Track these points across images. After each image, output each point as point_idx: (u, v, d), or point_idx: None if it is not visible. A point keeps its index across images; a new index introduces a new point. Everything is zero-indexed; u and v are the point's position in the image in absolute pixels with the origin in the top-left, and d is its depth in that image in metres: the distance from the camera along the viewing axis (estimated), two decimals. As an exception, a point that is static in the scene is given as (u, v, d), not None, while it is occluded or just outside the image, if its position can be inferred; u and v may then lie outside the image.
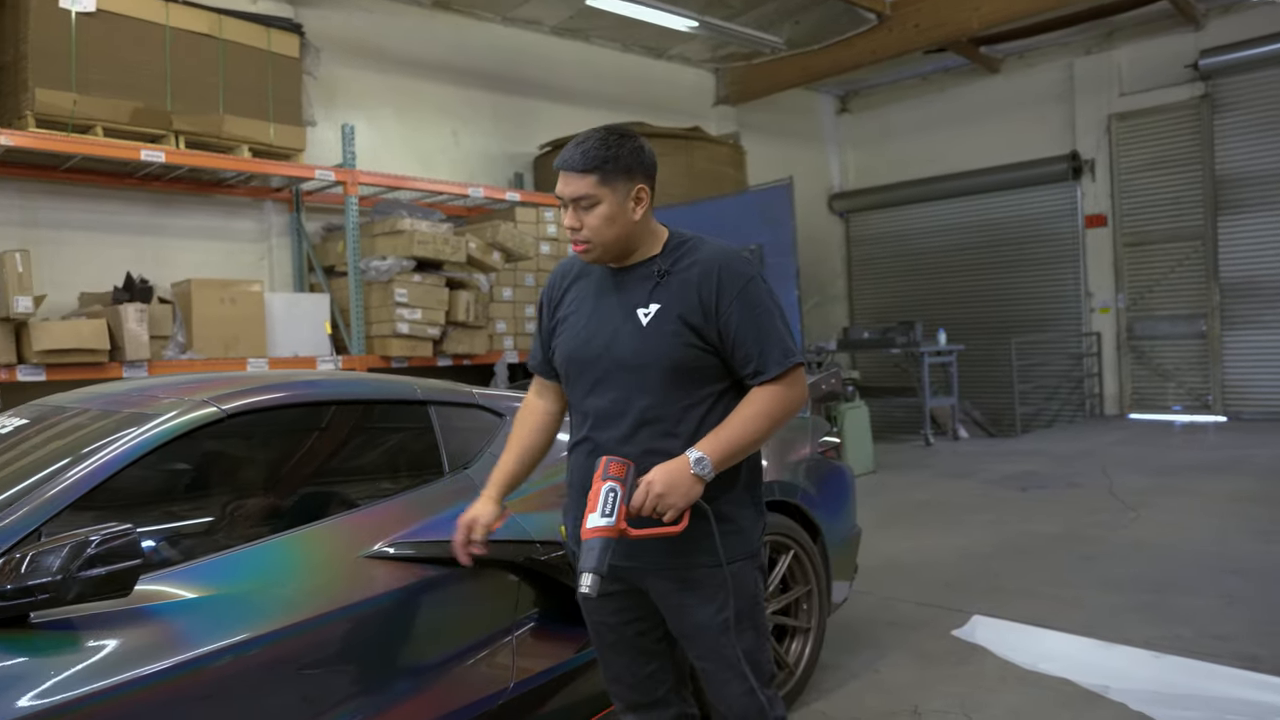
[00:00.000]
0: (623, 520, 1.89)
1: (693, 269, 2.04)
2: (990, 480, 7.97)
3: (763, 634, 2.16)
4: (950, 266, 13.09)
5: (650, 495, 1.90)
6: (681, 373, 2.02)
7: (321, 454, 2.73)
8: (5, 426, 2.56)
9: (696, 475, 1.93)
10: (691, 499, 1.93)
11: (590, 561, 1.87)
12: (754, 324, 2.01)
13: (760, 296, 2.03)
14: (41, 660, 1.84)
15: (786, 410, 2.03)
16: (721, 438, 1.97)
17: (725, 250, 2.08)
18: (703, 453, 1.94)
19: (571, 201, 2.03)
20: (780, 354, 2.02)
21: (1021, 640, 3.99)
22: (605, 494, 1.91)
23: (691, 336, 2.01)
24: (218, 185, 7.38)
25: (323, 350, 7.07)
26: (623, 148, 2.02)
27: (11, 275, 5.50)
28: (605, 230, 2.02)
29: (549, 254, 8.41)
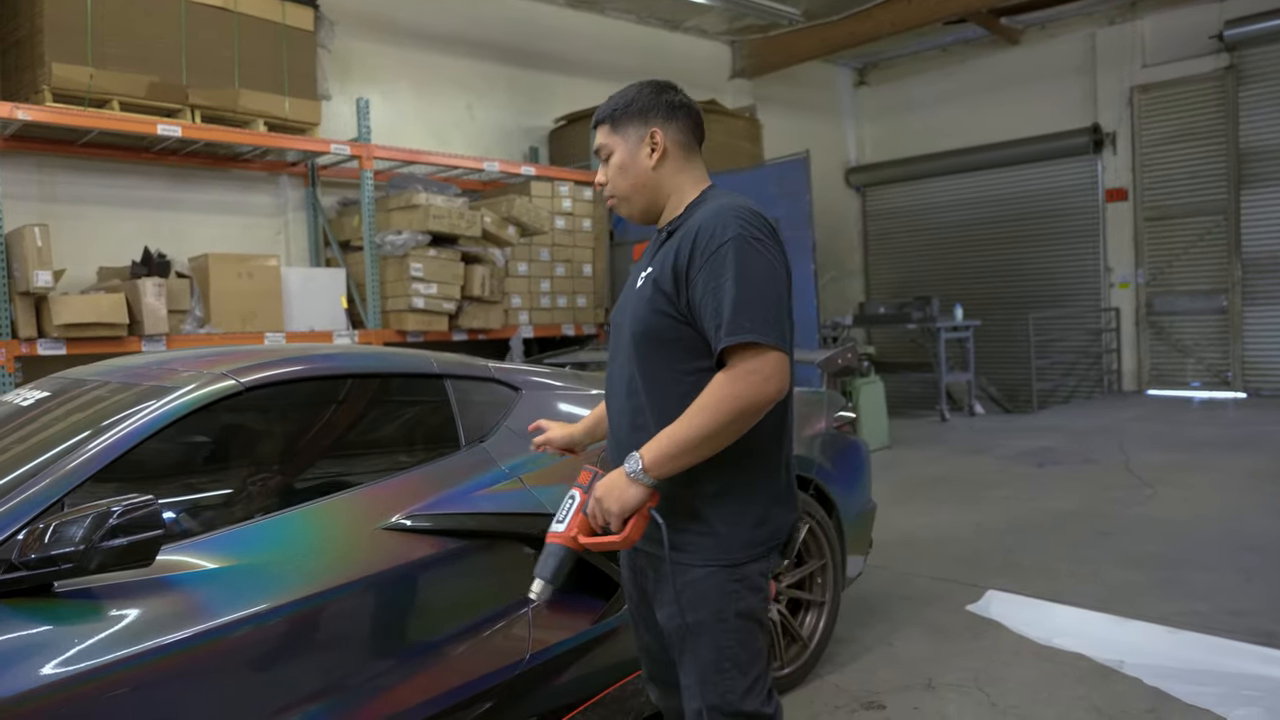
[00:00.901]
0: (576, 528, 1.83)
1: (681, 229, 1.86)
2: (1006, 456, 7.95)
3: (727, 656, 1.84)
4: (968, 241, 12.98)
5: (592, 501, 1.81)
6: (658, 343, 1.85)
7: (339, 427, 2.74)
8: (27, 399, 2.58)
9: (630, 478, 1.75)
10: (627, 505, 1.75)
11: (542, 567, 1.83)
12: (717, 291, 1.74)
13: (732, 259, 1.74)
14: (65, 628, 1.87)
15: (739, 403, 1.70)
16: (660, 435, 1.76)
17: (720, 208, 1.83)
18: (639, 453, 1.76)
19: (596, 155, 1.98)
20: (727, 329, 1.71)
21: (1036, 615, 3.99)
22: (565, 500, 1.87)
23: (664, 303, 1.83)
24: (234, 160, 7.39)
25: (339, 325, 7.10)
26: (641, 93, 1.92)
27: (31, 250, 5.54)
28: (620, 180, 1.94)
29: (564, 228, 8.39)
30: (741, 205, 1.83)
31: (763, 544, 1.87)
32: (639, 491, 1.76)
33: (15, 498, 1.99)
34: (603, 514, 1.78)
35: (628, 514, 1.77)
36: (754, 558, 1.86)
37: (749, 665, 1.86)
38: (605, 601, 2.73)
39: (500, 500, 2.60)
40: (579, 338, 8.68)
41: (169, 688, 1.95)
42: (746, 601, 1.84)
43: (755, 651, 1.87)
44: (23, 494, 2.00)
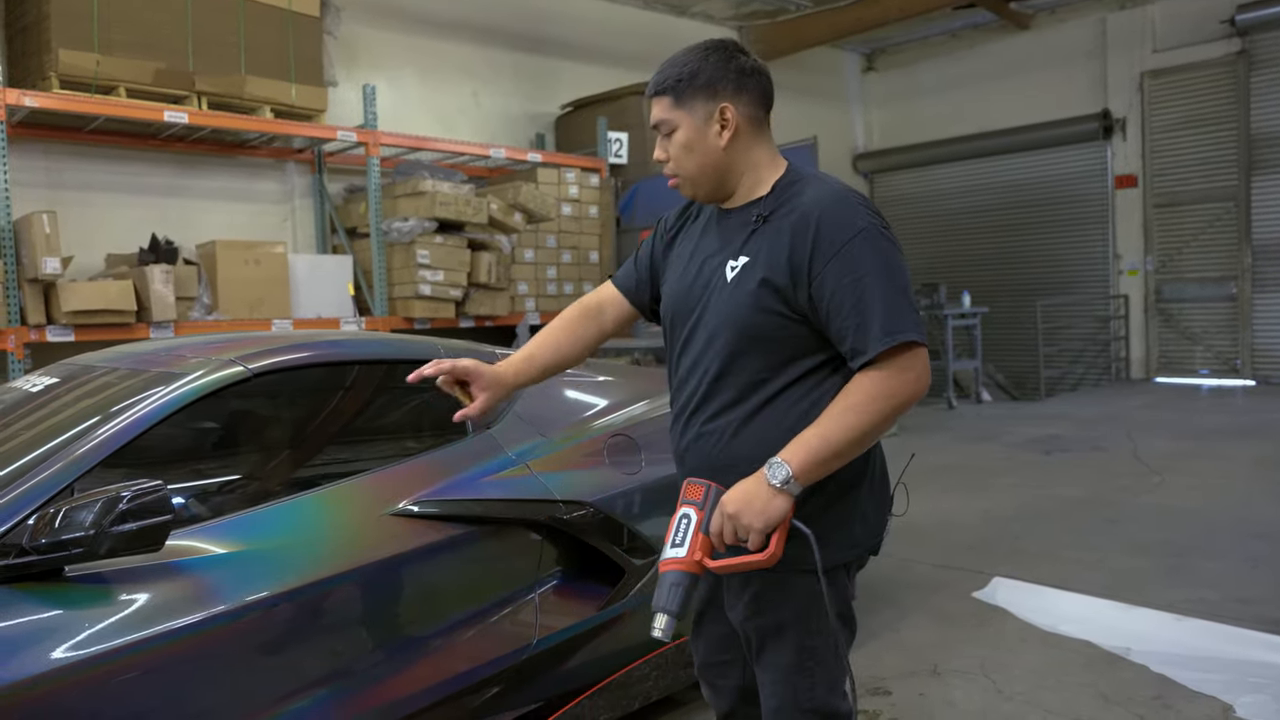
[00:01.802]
0: (699, 550, 1.62)
1: (791, 215, 1.67)
2: (1013, 444, 7.94)
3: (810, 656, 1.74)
4: (976, 228, 12.94)
5: (725, 519, 1.60)
6: (756, 341, 1.69)
7: (346, 413, 2.75)
8: (36, 385, 2.59)
9: (775, 488, 1.57)
10: (772, 519, 1.57)
11: (661, 599, 1.61)
12: (854, 290, 1.60)
13: (865, 255, 1.61)
14: (76, 613, 1.88)
15: (893, 402, 1.60)
16: (806, 439, 1.59)
17: (835, 193, 1.67)
18: (783, 459, 1.58)
19: (655, 129, 1.78)
20: (881, 329, 1.58)
21: (1042, 602, 4.00)
22: (679, 521, 1.65)
23: (773, 300, 1.66)
24: (240, 146, 7.39)
25: (346, 312, 7.11)
26: (706, 61, 1.71)
27: (39, 236, 5.55)
28: (686, 160, 1.74)
29: (570, 215, 8.38)
30: (855, 192, 1.70)
31: (860, 545, 1.77)
32: (785, 502, 1.58)
33: (25, 483, 2.01)
34: (741, 530, 1.59)
35: (773, 528, 1.59)
36: (849, 560, 1.77)
37: (833, 664, 1.76)
38: (611, 588, 2.74)
39: (507, 486, 2.60)
40: (585, 325, 8.66)
41: (179, 671, 1.96)
42: (837, 597, 1.73)
43: (837, 651, 1.77)
44: (33, 479, 2.02)
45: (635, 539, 2.76)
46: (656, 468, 2.88)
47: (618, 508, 2.73)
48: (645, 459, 2.89)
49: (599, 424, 2.96)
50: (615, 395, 3.12)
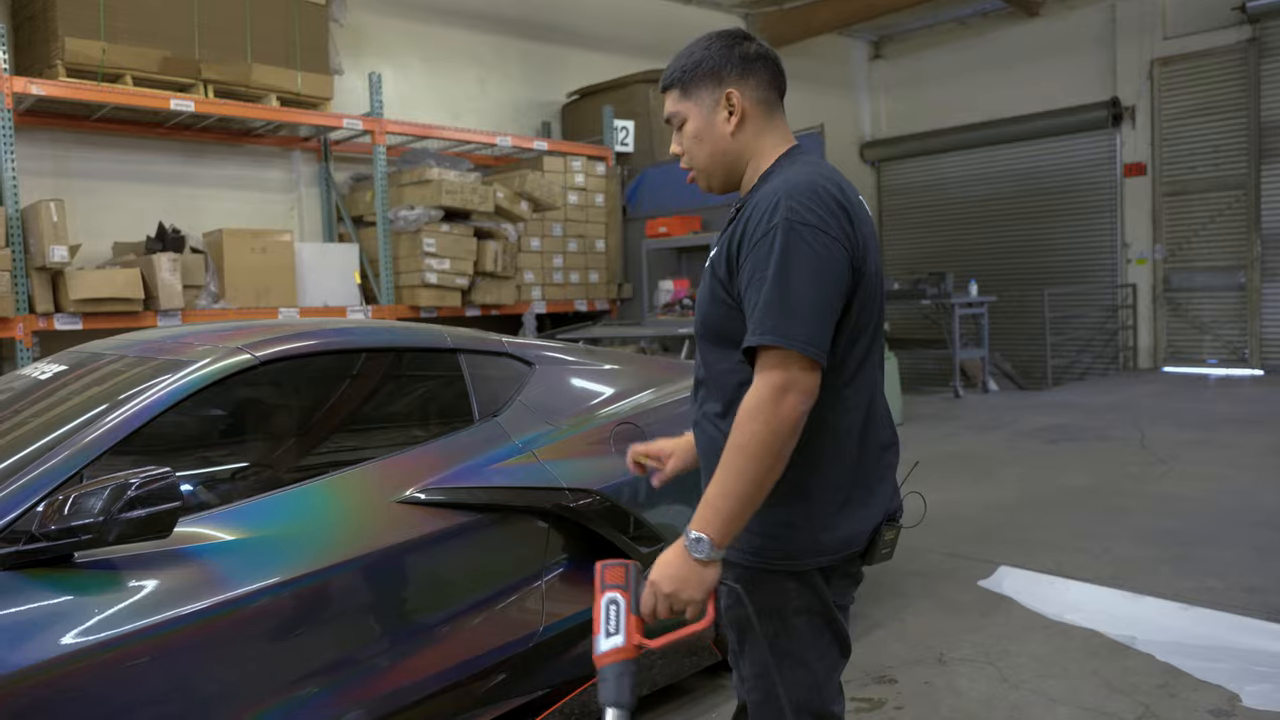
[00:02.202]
0: (635, 634, 1.56)
1: (745, 207, 1.66)
2: (1020, 433, 7.93)
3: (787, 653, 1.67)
4: (983, 217, 12.89)
5: (660, 598, 1.56)
6: (715, 331, 1.69)
7: (353, 401, 2.75)
8: (45, 372, 2.60)
9: (702, 561, 1.53)
10: (709, 587, 1.55)
11: (608, 694, 1.54)
12: (756, 289, 1.55)
13: (771, 251, 1.54)
14: (85, 598, 1.89)
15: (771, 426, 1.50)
16: (712, 501, 1.54)
17: (776, 187, 1.61)
18: (699, 530, 1.53)
19: (669, 123, 1.76)
20: (752, 329, 1.53)
21: (1048, 591, 4.00)
22: (606, 609, 1.57)
23: (720, 289, 1.67)
24: (247, 135, 7.38)
25: (352, 300, 7.12)
26: (709, 49, 1.70)
27: (47, 225, 5.56)
28: (698, 151, 1.73)
29: (577, 203, 8.37)
30: (803, 181, 1.60)
31: (832, 553, 1.65)
32: (715, 570, 1.55)
33: (34, 470, 2.02)
34: (678, 604, 1.55)
35: (709, 595, 1.57)
36: (821, 566, 1.66)
37: (814, 663, 1.70)
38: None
39: (513, 474, 2.61)
40: (592, 313, 8.68)
41: (187, 657, 1.98)
42: (804, 599, 1.66)
43: (819, 650, 1.70)
44: (42, 466, 2.03)
45: (641, 527, 2.76)
46: (663, 456, 2.88)
47: (624, 496, 2.74)
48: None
49: (605, 412, 2.96)
50: (621, 384, 3.12)
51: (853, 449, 1.67)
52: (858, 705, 3.04)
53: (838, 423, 1.64)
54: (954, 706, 3.02)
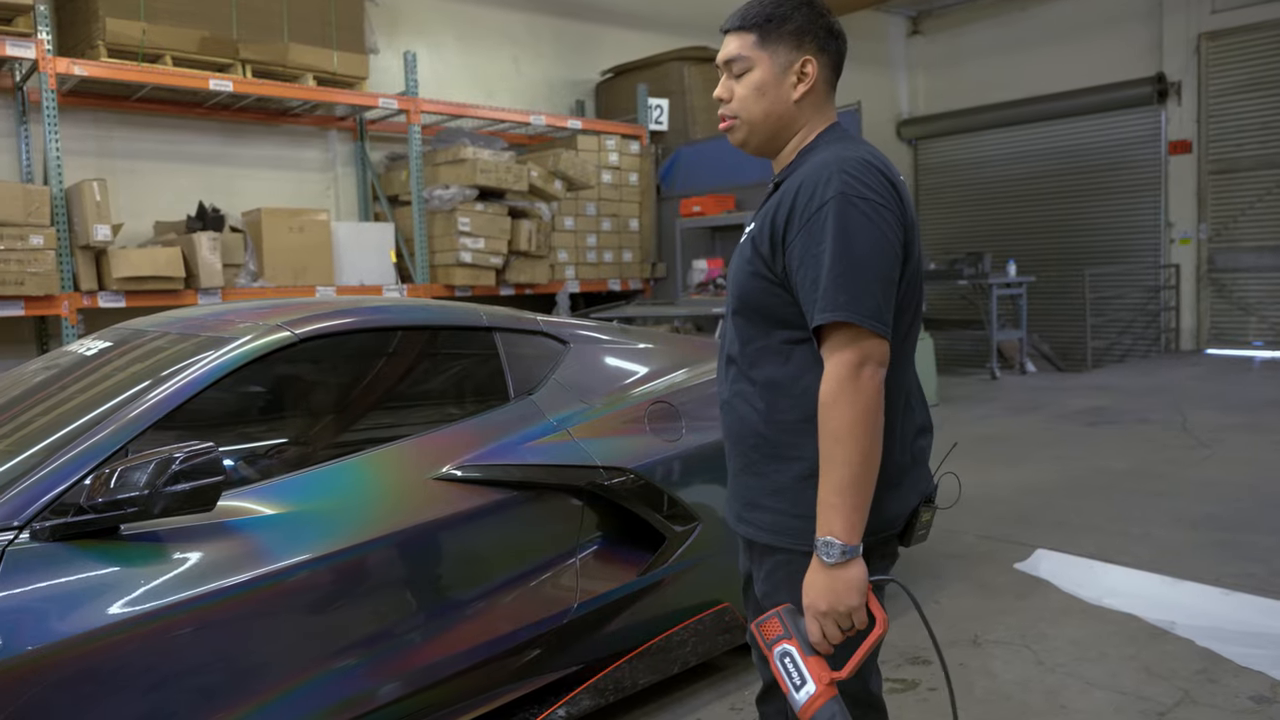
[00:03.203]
0: (823, 673, 1.51)
1: (789, 182, 1.63)
2: (1058, 415, 7.83)
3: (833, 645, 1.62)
4: (1023, 195, 12.68)
5: (823, 622, 1.52)
6: (754, 307, 1.66)
7: (390, 378, 2.78)
8: (91, 349, 2.65)
9: (840, 564, 1.50)
10: (858, 587, 1.51)
11: None
12: (813, 265, 1.53)
13: (828, 227, 1.52)
14: (131, 570, 1.93)
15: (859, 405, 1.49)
16: (828, 501, 1.52)
17: (828, 159, 1.58)
18: (827, 535, 1.51)
19: (724, 65, 1.70)
20: (826, 304, 1.50)
21: (1086, 575, 3.96)
22: (782, 665, 1.53)
23: (761, 265, 1.63)
24: (284, 114, 7.44)
25: (388, 279, 7.17)
26: (798, 10, 1.66)
27: (90, 204, 5.65)
28: (754, 104, 1.67)
29: (610, 182, 8.35)
30: (853, 155, 1.58)
31: (870, 534, 1.59)
32: (858, 568, 1.51)
33: (82, 444, 2.06)
34: (843, 619, 1.51)
35: (865, 593, 1.52)
36: None
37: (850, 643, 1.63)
38: (651, 553, 2.76)
39: (548, 452, 2.62)
40: (625, 293, 8.68)
41: (229, 629, 2.01)
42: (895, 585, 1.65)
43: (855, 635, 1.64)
44: (89, 441, 2.07)
45: (675, 505, 2.77)
46: (697, 435, 2.88)
47: (658, 474, 2.74)
48: (686, 426, 2.90)
49: (639, 391, 2.96)
50: (656, 363, 3.12)
51: (891, 432, 1.64)
52: (891, 686, 3.04)
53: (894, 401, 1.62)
54: (988, 688, 3.01)
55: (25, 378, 2.65)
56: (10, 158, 6.30)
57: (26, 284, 5.39)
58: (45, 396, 2.42)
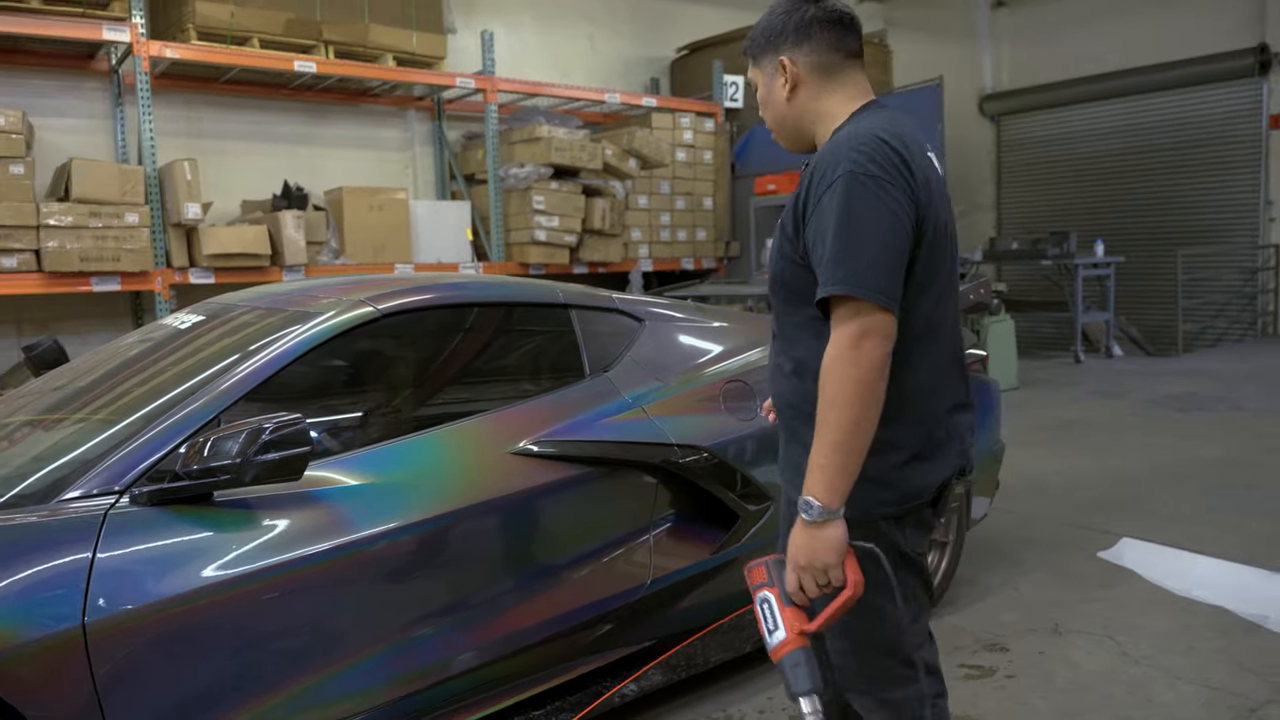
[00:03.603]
0: (795, 622, 1.60)
1: (812, 163, 1.68)
2: (1146, 401, 7.57)
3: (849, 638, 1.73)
4: (1112, 172, 12.22)
5: (800, 574, 1.59)
6: (784, 286, 1.74)
7: (469, 353, 2.82)
8: (185, 322, 2.75)
9: (818, 523, 1.55)
10: (837, 547, 1.55)
11: (795, 684, 1.60)
12: (824, 236, 1.57)
13: (835, 204, 1.56)
14: (224, 535, 2.01)
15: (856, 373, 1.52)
16: (815, 463, 1.56)
17: (840, 139, 1.63)
18: (808, 495, 1.56)
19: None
20: (826, 278, 1.55)
21: (1174, 566, 3.82)
22: (761, 609, 1.64)
23: (788, 247, 1.69)
24: (364, 95, 7.58)
25: (464, 257, 7.27)
26: (770, 17, 1.76)
27: (181, 183, 5.85)
28: (769, 115, 1.81)
29: (685, 160, 8.31)
30: (865, 131, 1.61)
31: (898, 504, 1.68)
32: (836, 529, 1.56)
33: (177, 414, 2.14)
34: (819, 575, 1.57)
35: (844, 554, 1.57)
36: (888, 515, 1.69)
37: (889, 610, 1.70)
38: (725, 532, 2.76)
39: (623, 429, 2.63)
40: (698, 271, 8.64)
41: (313, 595, 2.08)
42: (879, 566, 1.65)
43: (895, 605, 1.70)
44: (184, 410, 2.14)
45: (749, 485, 2.76)
46: (772, 415, 2.86)
47: (731, 453, 2.73)
48: (760, 406, 2.87)
49: (714, 370, 2.95)
50: (731, 342, 3.10)
51: (922, 407, 1.69)
52: (967, 672, 2.99)
53: (906, 381, 1.64)
54: (1069, 678, 2.94)
55: (122, 350, 2.76)
56: (107, 139, 6.55)
57: (123, 260, 5.61)
58: (142, 368, 2.52)
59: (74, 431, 2.28)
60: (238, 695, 1.99)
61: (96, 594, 1.83)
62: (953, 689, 2.85)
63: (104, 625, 1.82)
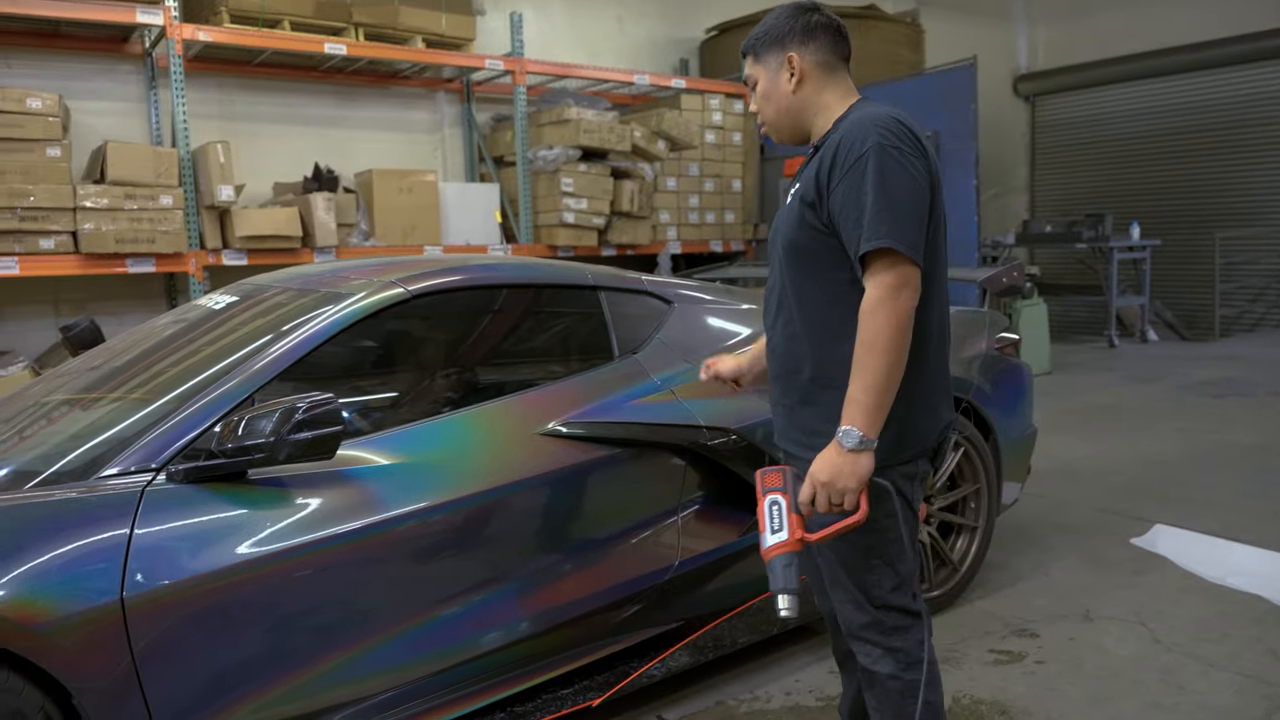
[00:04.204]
0: (797, 529, 1.78)
1: (828, 142, 1.87)
2: (1181, 386, 7.46)
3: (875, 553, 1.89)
4: (1148, 154, 11.99)
5: (818, 489, 1.76)
6: (801, 255, 1.89)
7: (498, 335, 2.83)
8: (219, 303, 2.78)
9: (856, 450, 1.72)
10: (863, 477, 1.73)
11: (777, 582, 1.77)
12: (855, 205, 1.75)
13: (868, 171, 1.74)
14: (258, 513, 2.03)
15: (892, 327, 1.71)
16: (855, 398, 1.74)
17: (861, 118, 1.82)
18: (848, 425, 1.73)
19: (748, 86, 2.05)
20: (864, 237, 1.73)
21: (1209, 552, 3.77)
22: (769, 509, 1.80)
23: (810, 216, 1.86)
24: (394, 77, 7.59)
25: (493, 239, 7.28)
26: (778, 18, 1.97)
27: (215, 166, 5.90)
28: (766, 108, 2.00)
29: (714, 142, 8.26)
30: (883, 114, 1.83)
31: (911, 448, 1.89)
32: (869, 459, 1.74)
33: (212, 393, 2.17)
34: (835, 495, 1.74)
35: (865, 485, 1.74)
36: (899, 461, 1.88)
37: (896, 562, 1.91)
38: (752, 514, 2.75)
39: (652, 411, 2.63)
40: (727, 254, 8.60)
41: (344, 573, 2.10)
42: (890, 502, 1.84)
43: (901, 550, 1.91)
44: (219, 389, 2.17)
45: (777, 468, 2.75)
46: (801, 397, 2.84)
47: (760, 435, 2.73)
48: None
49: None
50: (759, 324, 3.08)
51: (929, 357, 1.89)
52: (996, 657, 2.97)
53: (917, 333, 1.80)
54: (1099, 664, 2.91)
55: (158, 330, 2.80)
56: (141, 121, 6.61)
57: (157, 242, 5.67)
58: (177, 348, 2.55)
59: (111, 410, 2.31)
60: (271, 670, 2.02)
61: (134, 569, 1.86)
62: (981, 674, 2.85)
63: (142, 600, 1.86)
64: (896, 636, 1.92)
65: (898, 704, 1.93)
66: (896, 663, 1.92)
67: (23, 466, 2.09)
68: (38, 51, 6.18)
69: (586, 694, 2.48)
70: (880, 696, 1.96)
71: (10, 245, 5.28)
